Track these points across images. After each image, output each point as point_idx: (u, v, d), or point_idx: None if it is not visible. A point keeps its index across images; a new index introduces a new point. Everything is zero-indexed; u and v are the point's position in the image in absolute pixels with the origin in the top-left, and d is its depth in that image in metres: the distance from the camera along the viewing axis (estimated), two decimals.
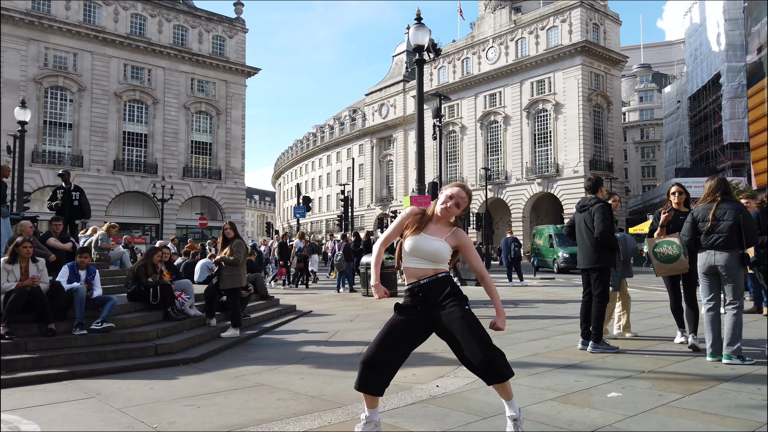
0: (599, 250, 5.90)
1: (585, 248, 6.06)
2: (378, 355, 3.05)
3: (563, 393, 4.18)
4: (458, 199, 3.17)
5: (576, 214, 6.30)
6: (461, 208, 3.19)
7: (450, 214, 3.17)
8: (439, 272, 3.11)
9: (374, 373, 3.04)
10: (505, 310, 9.86)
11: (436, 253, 3.09)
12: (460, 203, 3.17)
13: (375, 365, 3.04)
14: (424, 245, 3.10)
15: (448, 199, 3.16)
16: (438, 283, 3.09)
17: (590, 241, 5.97)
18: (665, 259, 5.82)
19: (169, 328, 7.05)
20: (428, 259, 3.09)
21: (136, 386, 5.00)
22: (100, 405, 4.35)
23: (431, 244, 3.10)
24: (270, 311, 10.33)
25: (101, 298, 6.66)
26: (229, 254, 7.73)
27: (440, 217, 3.18)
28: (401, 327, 3.10)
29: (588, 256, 6.02)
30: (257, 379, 5.16)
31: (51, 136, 40.71)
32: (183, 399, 4.45)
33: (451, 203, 3.15)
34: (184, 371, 5.69)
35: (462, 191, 3.19)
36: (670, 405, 3.78)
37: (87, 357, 5.85)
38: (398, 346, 3.10)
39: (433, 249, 3.08)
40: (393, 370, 3.12)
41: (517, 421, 3.10)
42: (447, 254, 3.13)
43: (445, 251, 3.11)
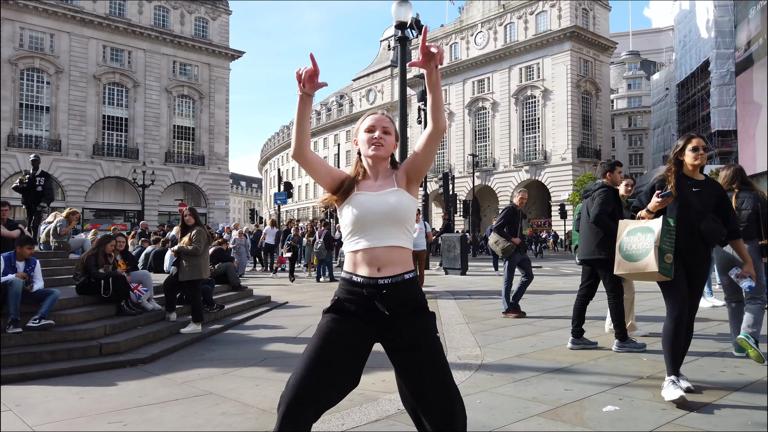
0: (600, 239, 5.27)
1: (585, 237, 5.48)
2: (308, 389, 1.89)
3: (552, 406, 3.62)
4: (382, 124, 2.15)
5: (582, 200, 5.76)
6: (392, 135, 2.17)
7: (385, 148, 2.12)
8: (408, 270, 2.06)
9: (305, 415, 1.89)
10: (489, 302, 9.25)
11: (397, 207, 2.03)
12: (387, 128, 2.15)
13: (305, 403, 1.89)
14: (374, 203, 2.04)
15: (371, 133, 2.14)
16: (405, 287, 2.02)
17: (590, 229, 5.39)
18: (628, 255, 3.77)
19: (120, 324, 6.40)
20: (385, 223, 2.02)
21: (65, 395, 4.37)
22: (12, 420, 3.72)
23: (384, 198, 2.05)
24: (241, 303, 9.71)
25: (42, 292, 5.98)
26: (188, 243, 7.08)
27: (376, 167, 2.14)
28: (341, 342, 1.99)
29: (587, 246, 5.43)
30: (207, 386, 4.55)
31: (27, 120, 39.50)
32: (112, 413, 3.83)
33: (378, 132, 2.12)
34: (127, 375, 5.06)
35: (377, 115, 2.20)
36: (676, 423, 3.23)
37: (19, 359, 5.20)
38: (339, 369, 1.95)
39: (390, 203, 2.03)
40: (331, 403, 1.98)
41: None
42: (411, 207, 2.09)
43: (407, 202, 2.07)
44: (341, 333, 2.00)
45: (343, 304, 2.04)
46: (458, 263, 15.84)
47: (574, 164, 46.82)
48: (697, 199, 3.71)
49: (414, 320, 2.02)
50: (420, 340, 1.99)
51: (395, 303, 2.00)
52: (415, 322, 2.02)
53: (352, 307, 2.03)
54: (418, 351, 1.98)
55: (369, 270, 2.02)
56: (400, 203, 2.05)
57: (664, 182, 3.81)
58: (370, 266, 2.03)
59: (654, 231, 3.62)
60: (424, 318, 2.04)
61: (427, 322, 2.05)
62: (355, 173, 2.16)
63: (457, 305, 9.15)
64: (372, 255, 2.03)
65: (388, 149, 2.13)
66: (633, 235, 3.79)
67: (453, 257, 16.02)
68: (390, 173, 2.15)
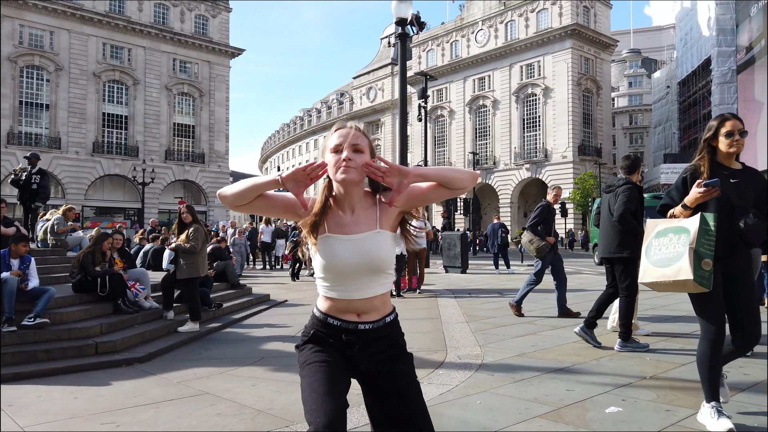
0: (622, 237, 5.15)
1: (606, 234, 5.34)
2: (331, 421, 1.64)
3: (554, 407, 3.54)
4: (351, 140, 1.78)
5: (603, 195, 5.59)
6: (366, 152, 1.80)
7: (358, 172, 1.76)
8: (388, 314, 1.88)
9: None
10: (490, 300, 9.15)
11: (375, 256, 1.78)
12: (358, 145, 1.78)
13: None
14: (349, 253, 1.77)
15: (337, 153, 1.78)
16: (386, 331, 1.85)
17: (612, 227, 5.25)
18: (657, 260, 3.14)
19: (117, 323, 6.33)
20: (366, 274, 1.79)
21: (59, 395, 4.31)
22: (5, 421, 3.65)
23: (361, 245, 1.77)
24: (240, 301, 9.64)
25: (37, 290, 5.91)
26: (185, 241, 7.01)
27: (349, 195, 1.81)
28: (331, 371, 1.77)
29: (608, 244, 5.28)
30: (203, 386, 4.48)
31: (27, 117, 39.41)
32: (105, 414, 3.76)
33: (346, 153, 1.76)
34: (123, 374, 4.99)
35: (344, 129, 1.81)
36: (681, 425, 3.16)
37: (13, 358, 5.13)
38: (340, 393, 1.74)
39: (368, 252, 1.77)
40: None
41: None
42: (391, 252, 1.84)
43: (387, 248, 1.81)
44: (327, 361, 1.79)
45: (319, 337, 1.85)
46: (458, 261, 15.76)
47: (574, 162, 46.73)
48: (736, 191, 3.12)
49: (394, 365, 1.84)
50: (401, 385, 1.82)
51: (371, 349, 1.83)
52: (395, 367, 1.84)
53: (330, 340, 1.84)
54: (397, 396, 1.80)
55: (347, 315, 1.84)
56: (379, 252, 1.79)
57: (696, 173, 3.21)
58: (348, 313, 1.84)
59: (689, 231, 2.94)
60: (404, 362, 1.87)
61: (407, 365, 1.88)
62: (320, 204, 1.80)
63: (457, 304, 9.08)
64: (349, 305, 1.83)
65: (361, 171, 1.76)
66: (664, 236, 3.08)
67: (453, 255, 15.95)
68: (369, 203, 1.84)
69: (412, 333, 6.55)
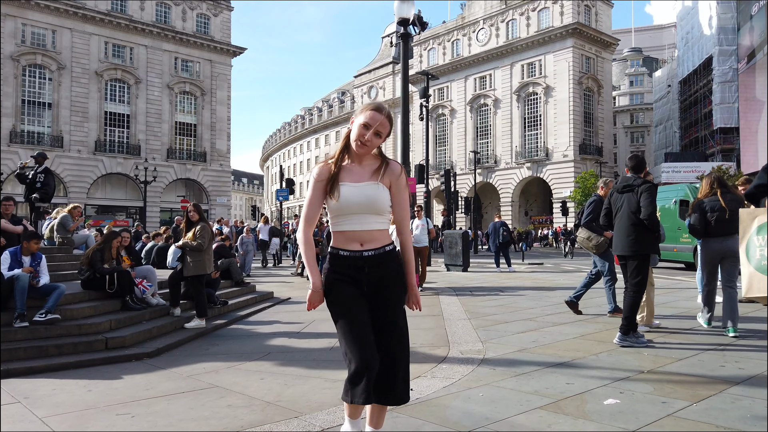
0: (641, 234, 5.33)
1: (625, 232, 5.45)
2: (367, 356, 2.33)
3: (553, 399, 3.66)
4: (377, 126, 2.39)
5: (615, 194, 5.71)
6: (383, 137, 2.45)
7: (370, 148, 2.42)
8: (387, 244, 2.46)
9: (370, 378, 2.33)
10: (492, 298, 9.27)
11: (374, 200, 2.39)
12: (380, 131, 2.42)
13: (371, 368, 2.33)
14: (355, 195, 2.38)
15: (364, 130, 2.39)
16: (386, 258, 2.44)
17: (632, 225, 5.39)
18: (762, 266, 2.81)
19: (125, 319, 6.46)
20: (365, 212, 2.40)
21: (72, 388, 4.43)
22: (22, 413, 3.77)
23: (363, 190, 2.39)
24: (244, 299, 9.76)
25: (48, 287, 6.04)
26: (192, 239, 7.13)
27: (359, 155, 2.45)
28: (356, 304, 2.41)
29: (628, 242, 5.40)
30: (212, 380, 4.60)
31: (30, 116, 39.58)
32: (119, 405, 3.88)
33: (369, 134, 2.38)
34: (133, 369, 5.12)
35: (378, 114, 2.40)
36: (676, 416, 3.27)
37: (26, 353, 5.25)
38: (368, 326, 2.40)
39: (368, 196, 2.38)
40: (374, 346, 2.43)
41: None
42: (387, 200, 2.44)
43: (383, 196, 2.42)
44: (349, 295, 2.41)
45: (335, 277, 2.44)
46: (460, 260, 15.87)
47: (575, 161, 46.82)
48: None
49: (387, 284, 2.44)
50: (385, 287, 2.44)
51: (378, 270, 2.42)
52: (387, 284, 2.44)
53: (343, 277, 2.43)
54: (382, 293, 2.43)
55: (353, 245, 2.42)
56: (376, 197, 2.40)
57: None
58: (354, 242, 2.42)
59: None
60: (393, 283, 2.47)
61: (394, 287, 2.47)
62: (338, 157, 2.47)
63: (458, 301, 9.19)
64: (353, 235, 2.42)
65: (372, 149, 2.45)
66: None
67: (455, 254, 16.05)
68: (374, 162, 2.49)
69: (414, 329, 6.65)
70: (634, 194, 5.43)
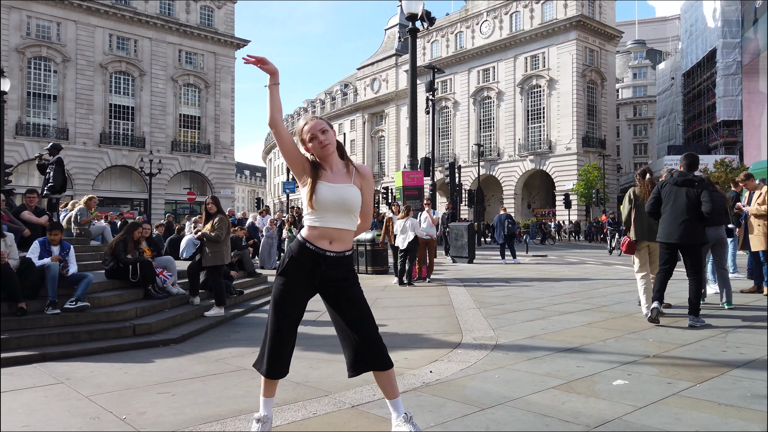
0: (698, 226, 5.89)
1: (686, 223, 5.84)
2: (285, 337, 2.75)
3: (565, 380, 3.91)
4: (318, 129, 2.68)
5: (670, 186, 6.01)
6: (330, 132, 2.72)
7: (330, 146, 2.70)
8: (348, 249, 2.78)
9: (284, 357, 2.77)
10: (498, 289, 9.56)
11: (349, 200, 2.67)
12: (324, 129, 2.69)
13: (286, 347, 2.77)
14: (331, 195, 2.64)
15: (314, 140, 2.67)
16: (344, 261, 2.75)
17: (692, 218, 5.82)
18: None
19: (149, 307, 6.72)
20: (341, 211, 2.68)
21: (108, 370, 4.69)
22: (67, 392, 4.03)
23: (339, 191, 2.66)
24: (257, 289, 10.03)
25: (76, 276, 6.30)
26: (210, 230, 7.37)
27: (326, 159, 2.72)
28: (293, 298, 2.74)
29: (689, 232, 5.84)
30: (239, 363, 4.86)
31: (35, 108, 39.77)
32: (157, 385, 4.14)
33: (320, 137, 2.67)
34: (163, 353, 5.38)
35: (311, 123, 2.71)
36: (681, 395, 3.52)
37: (59, 338, 5.52)
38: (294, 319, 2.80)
39: (343, 196, 2.66)
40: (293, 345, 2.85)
41: (411, 418, 2.78)
42: (359, 200, 2.74)
43: (356, 196, 2.71)
44: (290, 295, 2.73)
45: (292, 266, 2.71)
46: (465, 252, 16.12)
47: (578, 154, 46.93)
48: None
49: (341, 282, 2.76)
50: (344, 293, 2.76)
51: (333, 271, 2.72)
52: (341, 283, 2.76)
53: (299, 268, 2.70)
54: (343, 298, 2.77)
55: (321, 242, 2.69)
56: (350, 197, 2.68)
57: None
58: (323, 239, 2.69)
59: None
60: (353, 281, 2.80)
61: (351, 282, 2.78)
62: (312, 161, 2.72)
63: (467, 292, 9.43)
64: (325, 232, 2.69)
65: (332, 146, 2.71)
66: None
67: (460, 246, 16.30)
68: (341, 164, 2.76)
69: (427, 318, 6.95)
70: (694, 189, 5.87)
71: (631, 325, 6.03)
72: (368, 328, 2.76)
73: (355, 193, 2.71)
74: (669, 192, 6.00)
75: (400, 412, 2.80)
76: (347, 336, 2.77)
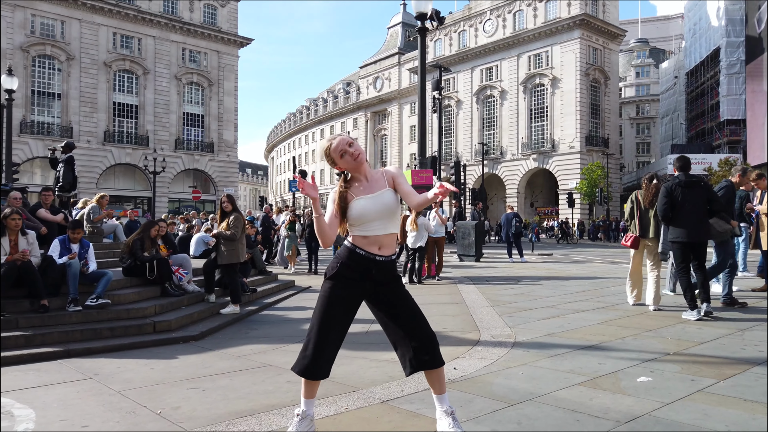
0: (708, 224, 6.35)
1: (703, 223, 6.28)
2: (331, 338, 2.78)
3: (590, 377, 3.96)
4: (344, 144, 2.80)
5: (681, 189, 6.25)
6: (356, 144, 2.85)
7: (361, 156, 2.82)
8: (393, 253, 2.87)
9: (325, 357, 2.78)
10: (509, 287, 9.65)
11: (389, 205, 2.78)
12: (350, 142, 2.82)
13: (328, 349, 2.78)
14: (372, 205, 2.75)
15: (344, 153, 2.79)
16: (391, 266, 2.86)
17: (706, 216, 6.29)
18: None
19: (167, 304, 6.78)
20: (385, 218, 2.78)
21: (134, 366, 4.74)
22: (98, 387, 4.09)
23: (379, 199, 2.76)
24: (269, 287, 10.09)
25: (96, 273, 6.36)
26: (226, 228, 7.43)
27: (359, 171, 2.84)
28: (342, 300, 2.79)
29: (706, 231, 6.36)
30: (262, 359, 4.92)
31: (39, 107, 39.86)
32: (186, 381, 4.20)
33: (350, 149, 2.79)
34: (185, 350, 5.44)
35: (335, 141, 2.82)
36: (706, 391, 3.57)
37: (82, 335, 5.58)
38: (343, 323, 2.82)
39: (384, 203, 2.76)
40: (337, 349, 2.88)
41: (453, 413, 2.85)
42: (397, 202, 2.84)
43: (394, 199, 2.82)
44: (340, 296, 2.79)
45: (343, 271, 2.79)
46: (473, 250, 16.17)
47: (581, 153, 46.94)
48: None
49: (391, 285, 2.85)
50: (396, 295, 2.85)
51: (383, 274, 2.81)
52: (392, 285, 2.86)
53: (350, 273, 2.79)
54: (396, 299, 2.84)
55: (371, 248, 2.78)
56: (392, 201, 2.79)
57: None
58: (372, 246, 2.78)
59: None
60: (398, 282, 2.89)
61: (399, 283, 2.90)
62: (341, 187, 2.82)
63: (477, 290, 9.48)
64: (374, 239, 2.78)
65: (363, 152, 2.85)
66: None
67: (468, 244, 16.35)
68: (375, 172, 2.88)
69: (441, 316, 7.00)
70: (705, 190, 6.27)
71: (647, 323, 6.08)
72: (425, 327, 2.85)
73: (390, 196, 2.81)
74: (680, 194, 6.23)
75: (444, 404, 2.86)
76: (402, 336, 2.82)
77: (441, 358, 2.86)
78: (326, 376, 2.86)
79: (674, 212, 6.27)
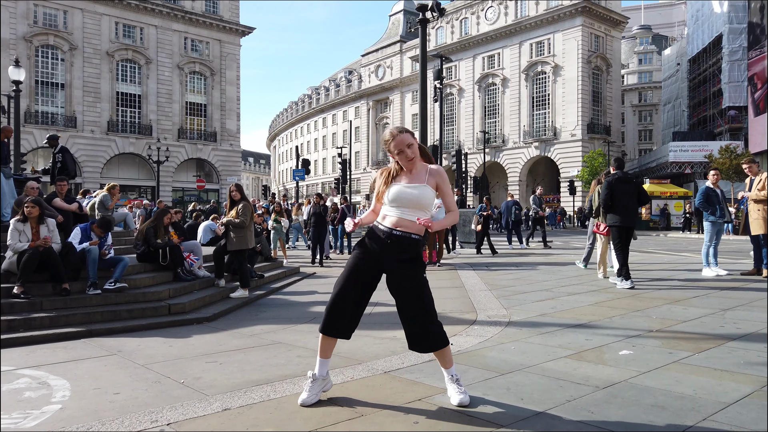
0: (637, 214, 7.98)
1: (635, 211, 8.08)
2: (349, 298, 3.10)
3: (576, 351, 4.29)
4: (407, 143, 3.07)
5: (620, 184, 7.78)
6: (414, 144, 3.10)
7: (414, 158, 3.09)
8: (416, 233, 3.09)
9: (345, 317, 3.13)
10: (507, 272, 10.03)
11: (420, 198, 3.05)
12: (412, 143, 3.08)
13: (347, 309, 3.12)
14: (406, 192, 3.05)
15: (400, 153, 3.07)
16: (410, 242, 3.07)
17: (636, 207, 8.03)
18: None
19: (180, 288, 7.13)
20: (413, 207, 3.05)
21: (154, 344, 5.10)
22: (123, 361, 4.45)
23: (413, 190, 3.05)
24: (276, 273, 10.45)
25: (113, 259, 6.71)
26: (235, 216, 7.76)
27: (408, 168, 3.12)
28: (363, 264, 3.12)
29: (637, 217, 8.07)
30: (273, 338, 5.26)
31: (43, 96, 40.13)
32: (203, 356, 4.55)
33: (407, 151, 3.06)
34: (199, 330, 5.79)
35: (397, 137, 3.08)
36: (681, 362, 3.90)
37: (102, 316, 5.94)
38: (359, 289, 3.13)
39: (416, 195, 3.04)
40: (361, 313, 3.22)
41: (458, 380, 3.19)
42: (431, 198, 3.10)
43: (428, 195, 3.08)
44: (360, 266, 3.13)
45: (366, 240, 3.14)
46: (473, 237, 16.48)
47: (583, 141, 47.09)
48: None
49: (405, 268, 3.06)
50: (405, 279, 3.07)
51: (399, 247, 3.04)
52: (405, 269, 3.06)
53: (370, 243, 3.12)
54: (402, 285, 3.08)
55: (390, 225, 3.07)
56: (421, 195, 3.06)
57: None
58: (392, 223, 3.07)
59: None
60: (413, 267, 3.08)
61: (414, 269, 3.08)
62: (395, 169, 3.17)
63: (477, 275, 9.82)
64: (397, 221, 3.07)
65: (415, 157, 3.11)
66: None
67: (468, 232, 16.67)
68: (422, 168, 3.14)
69: (442, 299, 7.33)
70: (633, 185, 7.85)
71: (636, 304, 6.41)
72: (421, 319, 3.08)
73: (424, 191, 3.07)
74: (619, 188, 7.71)
75: (449, 374, 3.22)
76: (402, 318, 3.12)
77: (435, 345, 3.11)
78: (343, 336, 3.21)
79: (613, 202, 7.68)
